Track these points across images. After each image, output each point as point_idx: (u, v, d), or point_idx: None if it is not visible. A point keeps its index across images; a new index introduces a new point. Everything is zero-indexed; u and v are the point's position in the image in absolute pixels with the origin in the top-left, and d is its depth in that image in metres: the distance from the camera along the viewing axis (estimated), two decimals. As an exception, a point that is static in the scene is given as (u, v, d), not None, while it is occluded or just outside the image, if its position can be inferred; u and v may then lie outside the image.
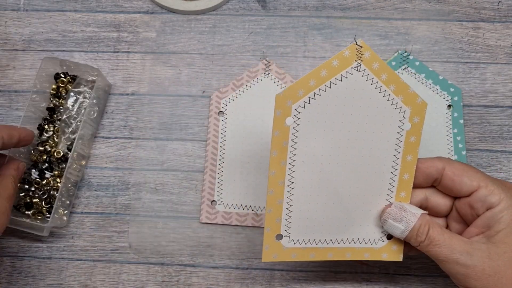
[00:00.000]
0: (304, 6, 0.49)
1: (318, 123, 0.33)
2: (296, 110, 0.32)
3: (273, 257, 0.35)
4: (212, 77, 0.48)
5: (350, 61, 0.32)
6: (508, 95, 0.46)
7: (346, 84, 0.32)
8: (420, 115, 0.34)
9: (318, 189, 0.35)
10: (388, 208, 0.35)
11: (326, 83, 0.32)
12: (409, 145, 0.35)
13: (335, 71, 0.32)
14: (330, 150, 0.34)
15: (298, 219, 0.35)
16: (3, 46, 0.49)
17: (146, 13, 0.50)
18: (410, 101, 0.34)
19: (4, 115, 0.48)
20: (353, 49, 0.32)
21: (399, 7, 0.49)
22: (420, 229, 0.33)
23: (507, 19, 0.48)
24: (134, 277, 0.44)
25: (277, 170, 0.33)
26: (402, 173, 0.35)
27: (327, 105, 0.33)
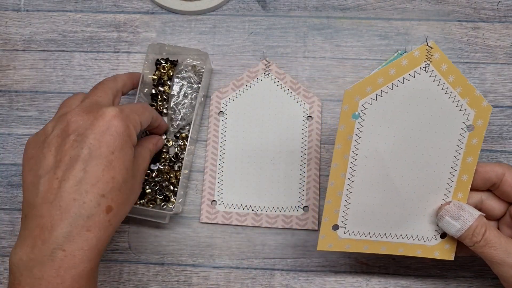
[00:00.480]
0: (304, 7, 0.49)
1: (383, 120, 0.34)
2: (363, 105, 0.34)
3: (328, 246, 0.37)
4: (212, 77, 0.48)
5: (420, 61, 0.33)
6: (507, 95, 0.46)
7: (413, 83, 0.33)
8: (484, 118, 0.35)
9: (377, 184, 0.36)
10: (447, 205, 0.35)
11: (394, 81, 0.33)
12: (471, 147, 0.36)
13: (404, 71, 0.33)
14: (393, 146, 0.35)
15: (355, 212, 0.36)
16: (4, 46, 0.49)
17: (147, 13, 0.50)
18: (476, 103, 0.34)
19: (4, 115, 0.48)
20: (423, 49, 0.33)
21: (398, 7, 0.49)
22: (477, 230, 0.33)
23: (507, 19, 0.48)
24: (134, 276, 0.44)
25: (339, 163, 0.35)
26: (461, 174, 0.36)
27: (393, 103, 0.34)
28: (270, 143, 0.46)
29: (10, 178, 0.46)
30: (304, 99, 0.47)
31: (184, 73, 0.46)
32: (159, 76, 0.47)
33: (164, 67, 0.46)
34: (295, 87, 0.47)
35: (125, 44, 0.49)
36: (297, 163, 0.45)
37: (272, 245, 0.44)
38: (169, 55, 0.47)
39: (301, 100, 0.47)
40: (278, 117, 0.46)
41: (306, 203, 0.44)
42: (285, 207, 0.44)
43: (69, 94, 0.48)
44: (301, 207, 0.44)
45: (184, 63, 0.47)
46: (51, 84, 0.48)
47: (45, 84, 0.48)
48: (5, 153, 0.47)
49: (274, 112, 0.46)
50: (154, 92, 0.47)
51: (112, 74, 0.48)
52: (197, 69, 0.47)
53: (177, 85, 0.46)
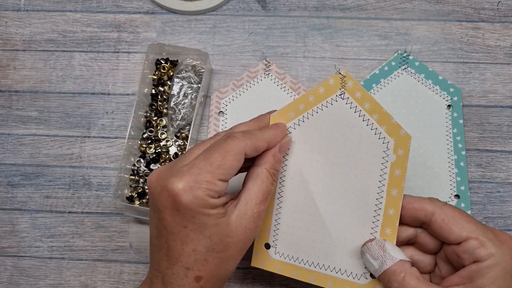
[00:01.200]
0: (304, 7, 0.49)
1: (307, 145, 0.35)
2: (288, 130, 0.35)
3: (261, 264, 0.37)
4: (212, 77, 0.48)
5: (335, 89, 0.34)
6: (507, 95, 0.46)
7: (331, 110, 0.34)
8: (404, 147, 0.33)
9: (303, 208, 0.35)
10: (369, 243, 0.33)
11: (314, 108, 0.35)
12: (394, 179, 0.33)
13: (321, 98, 0.34)
14: (317, 172, 0.35)
15: (284, 233, 0.36)
16: (4, 46, 0.49)
17: (147, 13, 0.50)
18: (394, 132, 0.33)
19: (4, 115, 0.48)
20: (337, 78, 0.34)
21: (398, 7, 0.49)
22: (394, 275, 0.31)
23: (507, 19, 0.48)
24: (134, 276, 0.44)
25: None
26: (387, 207, 0.34)
27: (314, 128, 0.35)
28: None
29: (10, 178, 0.46)
30: (304, 99, 0.47)
31: (184, 73, 0.46)
32: (159, 76, 0.47)
33: (164, 67, 0.46)
34: (295, 87, 0.47)
35: (125, 44, 0.49)
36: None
37: (272, 245, 0.44)
38: (169, 55, 0.47)
39: (301, 100, 0.47)
40: (278, 117, 0.46)
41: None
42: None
43: (69, 94, 0.48)
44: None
45: (184, 63, 0.47)
46: (51, 84, 0.48)
47: (45, 84, 0.48)
48: (5, 153, 0.47)
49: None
50: (154, 92, 0.47)
51: (112, 74, 0.48)
52: (197, 69, 0.47)
53: (177, 85, 0.46)
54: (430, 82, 0.46)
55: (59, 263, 0.44)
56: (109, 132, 0.47)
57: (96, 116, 0.47)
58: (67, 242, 0.45)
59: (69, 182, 0.46)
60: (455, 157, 0.45)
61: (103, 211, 0.45)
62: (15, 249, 0.45)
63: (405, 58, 0.47)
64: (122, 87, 0.48)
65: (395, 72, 0.47)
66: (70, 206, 0.46)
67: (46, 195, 0.46)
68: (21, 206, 0.46)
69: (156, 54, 0.47)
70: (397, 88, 0.46)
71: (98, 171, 0.46)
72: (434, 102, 0.46)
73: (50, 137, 0.47)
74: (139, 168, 0.45)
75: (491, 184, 0.45)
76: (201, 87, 0.45)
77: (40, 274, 0.44)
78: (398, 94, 0.46)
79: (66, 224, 0.45)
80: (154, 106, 0.46)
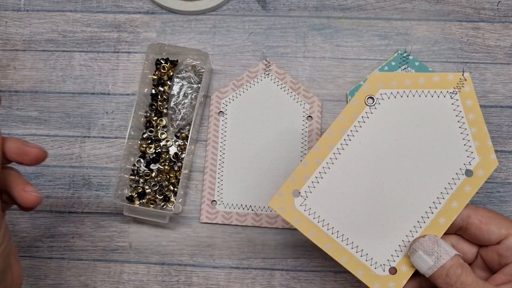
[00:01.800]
0: (304, 7, 0.49)
1: (392, 119, 0.34)
2: (381, 95, 0.34)
3: (279, 208, 0.34)
4: (212, 77, 0.48)
5: (450, 85, 0.34)
6: (507, 95, 0.46)
7: (434, 101, 0.34)
8: (486, 170, 0.33)
9: (357, 176, 0.34)
10: (421, 238, 0.32)
11: (419, 90, 0.34)
12: (461, 193, 0.33)
13: (432, 85, 0.34)
14: (388, 149, 0.34)
15: (322, 190, 0.34)
16: (4, 46, 0.49)
17: (146, 13, 0.50)
18: (484, 152, 0.33)
19: (4, 115, 0.48)
20: (457, 77, 0.34)
21: (398, 7, 0.49)
22: (452, 270, 0.30)
23: (507, 19, 0.48)
24: (134, 276, 0.44)
25: (334, 133, 0.34)
26: (440, 215, 0.33)
27: (408, 108, 0.34)
28: (270, 143, 0.46)
29: (10, 178, 0.46)
30: (304, 99, 0.47)
31: (184, 73, 0.46)
32: (159, 76, 0.47)
33: (164, 67, 0.47)
34: (295, 87, 0.47)
35: (125, 44, 0.49)
36: (297, 163, 0.45)
37: (272, 245, 0.44)
38: (169, 55, 0.47)
39: (301, 100, 0.47)
40: (278, 117, 0.46)
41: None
42: (285, 207, 0.44)
43: (69, 94, 0.48)
44: (301, 207, 0.44)
45: (184, 63, 0.47)
46: (51, 84, 0.48)
47: (45, 84, 0.48)
48: (5, 153, 0.47)
49: (274, 112, 0.46)
50: (154, 92, 0.47)
51: (112, 74, 0.48)
52: (197, 69, 0.47)
53: (177, 85, 0.46)
54: (430, 82, 0.46)
55: (59, 263, 0.44)
56: (109, 132, 0.47)
57: (96, 116, 0.47)
58: (67, 242, 0.45)
59: (69, 182, 0.46)
60: (455, 157, 0.45)
61: (103, 211, 0.45)
62: (15, 249, 0.45)
63: (405, 58, 0.47)
64: (122, 87, 0.48)
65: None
66: (70, 206, 0.46)
67: (46, 195, 0.46)
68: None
69: (156, 54, 0.47)
70: (397, 88, 0.46)
71: (98, 171, 0.46)
72: (434, 102, 0.46)
73: (50, 137, 0.47)
74: (139, 168, 0.45)
75: (491, 184, 0.45)
76: (201, 87, 0.45)
77: (40, 274, 0.44)
78: (398, 94, 0.46)
79: (66, 224, 0.45)
80: (154, 106, 0.46)
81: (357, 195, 0.34)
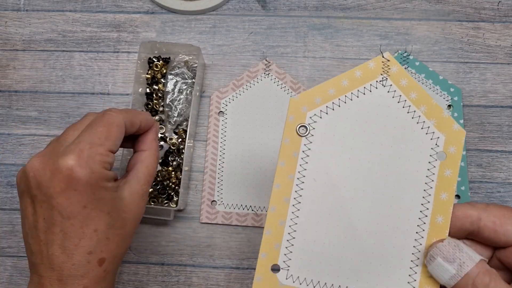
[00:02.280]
0: (304, 6, 0.49)
1: (335, 138, 0.29)
2: (312, 118, 0.29)
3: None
4: (212, 77, 0.48)
5: (375, 74, 0.29)
6: (508, 95, 0.46)
7: (369, 98, 0.29)
8: (457, 144, 0.29)
9: (329, 216, 0.29)
10: (440, 243, 0.27)
11: (347, 94, 0.29)
12: (444, 180, 0.29)
13: (358, 83, 0.29)
14: (347, 171, 0.29)
15: (301, 250, 0.29)
16: (3, 46, 0.49)
17: (146, 13, 0.50)
18: (445, 126, 0.29)
19: (4, 115, 0.48)
20: (379, 61, 0.29)
21: (399, 7, 0.49)
22: (478, 279, 0.26)
23: (507, 19, 0.48)
24: (134, 277, 0.44)
25: (282, 183, 0.29)
26: (435, 214, 0.29)
27: (346, 118, 0.29)
28: (270, 143, 0.46)
29: (9, 178, 0.46)
30: (304, 99, 0.46)
31: (178, 70, 0.46)
32: (153, 74, 0.47)
33: (157, 65, 0.46)
34: (295, 87, 0.47)
35: (125, 44, 0.49)
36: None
37: (272, 245, 0.44)
38: (162, 53, 0.47)
39: (301, 100, 0.46)
40: (278, 117, 0.46)
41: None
42: (285, 207, 0.44)
43: (69, 94, 0.48)
44: (301, 207, 0.44)
45: (176, 60, 0.47)
46: (50, 84, 0.48)
47: (44, 84, 0.48)
48: (5, 153, 0.47)
49: (274, 112, 0.46)
50: (149, 91, 0.47)
51: (112, 74, 0.48)
52: (190, 65, 0.47)
53: (171, 82, 0.46)
54: (430, 82, 0.46)
55: (58, 263, 0.44)
56: (109, 132, 0.47)
57: (96, 116, 0.47)
58: (66, 242, 0.45)
59: (68, 182, 0.46)
60: (455, 157, 0.44)
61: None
62: (15, 249, 0.45)
63: (405, 58, 0.47)
64: (122, 87, 0.48)
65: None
66: (69, 206, 0.45)
67: (46, 195, 0.46)
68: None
69: (148, 52, 0.47)
70: (397, 88, 0.46)
71: (98, 171, 0.46)
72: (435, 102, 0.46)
73: (49, 137, 0.47)
74: None
75: (492, 184, 0.45)
76: (196, 82, 0.45)
77: (40, 274, 0.44)
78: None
79: (66, 224, 0.45)
80: (150, 105, 0.46)
81: (340, 234, 0.29)
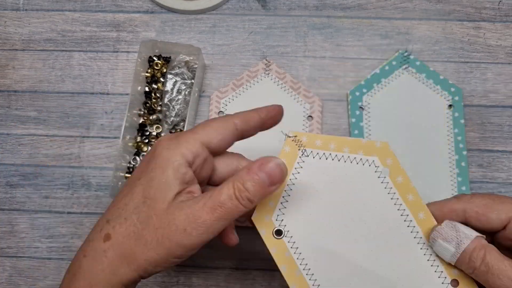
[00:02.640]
0: (304, 6, 0.49)
1: (307, 216, 0.31)
2: (277, 218, 0.32)
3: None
4: (212, 77, 0.48)
5: (295, 153, 0.32)
6: (509, 95, 0.46)
7: (308, 171, 0.32)
8: (389, 155, 0.31)
9: (350, 278, 0.31)
10: (438, 226, 0.30)
11: (291, 177, 0.32)
12: (401, 186, 0.31)
13: (291, 166, 0.32)
14: (337, 238, 0.31)
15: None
16: (3, 46, 0.49)
17: (146, 13, 0.49)
18: (370, 150, 0.32)
19: (3, 115, 0.48)
20: (290, 141, 0.32)
21: (399, 6, 0.49)
22: (474, 254, 0.28)
23: (508, 19, 0.48)
24: (133, 277, 0.44)
25: (297, 283, 0.31)
26: (415, 213, 0.31)
27: (301, 199, 0.32)
28: (270, 142, 0.46)
29: (9, 178, 0.46)
30: (304, 99, 0.46)
31: (177, 69, 0.46)
32: (152, 73, 0.47)
33: (157, 64, 0.46)
34: (295, 86, 0.47)
35: (125, 43, 0.49)
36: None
37: (272, 246, 0.44)
38: (162, 52, 0.47)
39: (302, 100, 0.46)
40: (278, 117, 0.46)
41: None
42: (285, 207, 0.44)
43: (68, 94, 0.48)
44: (301, 208, 0.44)
45: (177, 59, 0.47)
46: (50, 84, 0.48)
47: (44, 84, 0.48)
48: (4, 153, 0.47)
49: (274, 112, 0.46)
50: (148, 89, 0.46)
51: (111, 73, 0.48)
52: (190, 65, 0.47)
53: (171, 81, 0.46)
54: (431, 81, 0.46)
55: (58, 263, 0.44)
56: (108, 132, 0.47)
57: (95, 116, 0.47)
58: (66, 242, 0.45)
59: (68, 182, 0.46)
60: (456, 157, 0.44)
61: (102, 211, 0.45)
62: (14, 249, 0.45)
63: (406, 58, 0.47)
64: (121, 86, 0.48)
65: (396, 72, 0.47)
66: (69, 206, 0.45)
67: (45, 195, 0.46)
68: (20, 207, 0.46)
69: (148, 51, 0.47)
70: (398, 88, 0.46)
71: (97, 171, 0.46)
72: (435, 102, 0.46)
73: (49, 137, 0.47)
74: (134, 166, 0.45)
75: (492, 184, 0.44)
76: (195, 83, 0.44)
77: (39, 274, 0.44)
78: (399, 94, 0.46)
79: (65, 225, 0.45)
80: (148, 104, 0.46)
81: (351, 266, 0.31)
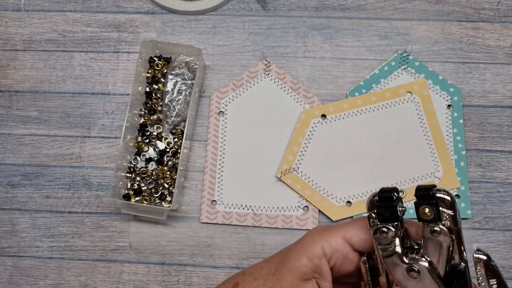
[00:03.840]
0: (304, 7, 0.49)
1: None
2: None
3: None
4: (212, 77, 0.48)
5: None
6: (507, 95, 0.46)
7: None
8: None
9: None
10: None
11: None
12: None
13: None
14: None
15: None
16: (4, 46, 0.49)
17: (147, 14, 0.50)
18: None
19: (4, 115, 0.48)
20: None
21: (398, 7, 0.49)
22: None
23: (507, 19, 0.48)
24: (134, 276, 0.44)
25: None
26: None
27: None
28: (270, 142, 0.46)
29: (10, 178, 0.46)
30: (304, 99, 0.47)
31: (178, 70, 0.46)
32: (153, 74, 0.47)
33: (158, 65, 0.46)
34: (295, 87, 0.47)
35: (125, 44, 0.49)
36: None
37: (272, 245, 0.44)
38: (163, 53, 0.47)
39: (301, 100, 0.47)
40: (278, 117, 0.46)
41: (306, 203, 0.44)
42: (285, 207, 0.44)
43: (69, 94, 0.48)
44: (301, 207, 0.44)
45: (177, 60, 0.47)
46: (51, 84, 0.48)
47: (45, 84, 0.48)
48: (5, 153, 0.47)
49: (274, 112, 0.46)
50: (148, 90, 0.47)
51: (112, 74, 0.48)
52: (191, 66, 0.47)
53: (171, 82, 0.46)
54: (430, 82, 0.46)
55: (59, 263, 0.44)
56: (109, 132, 0.47)
57: (96, 116, 0.47)
58: (67, 242, 0.45)
59: (69, 182, 0.46)
60: (455, 157, 0.45)
61: (103, 211, 0.45)
62: (15, 249, 0.45)
63: (405, 58, 0.47)
64: (122, 87, 0.48)
65: (395, 72, 0.47)
66: (70, 206, 0.46)
67: (46, 195, 0.46)
68: (21, 206, 0.46)
69: (149, 52, 0.47)
70: (397, 88, 0.46)
71: (98, 171, 0.46)
72: (434, 102, 0.46)
73: (50, 137, 0.47)
74: (135, 165, 0.45)
75: (491, 184, 0.45)
76: (195, 83, 0.45)
77: (40, 274, 0.44)
78: (398, 94, 0.46)
79: (66, 224, 0.45)
80: (148, 104, 0.46)
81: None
